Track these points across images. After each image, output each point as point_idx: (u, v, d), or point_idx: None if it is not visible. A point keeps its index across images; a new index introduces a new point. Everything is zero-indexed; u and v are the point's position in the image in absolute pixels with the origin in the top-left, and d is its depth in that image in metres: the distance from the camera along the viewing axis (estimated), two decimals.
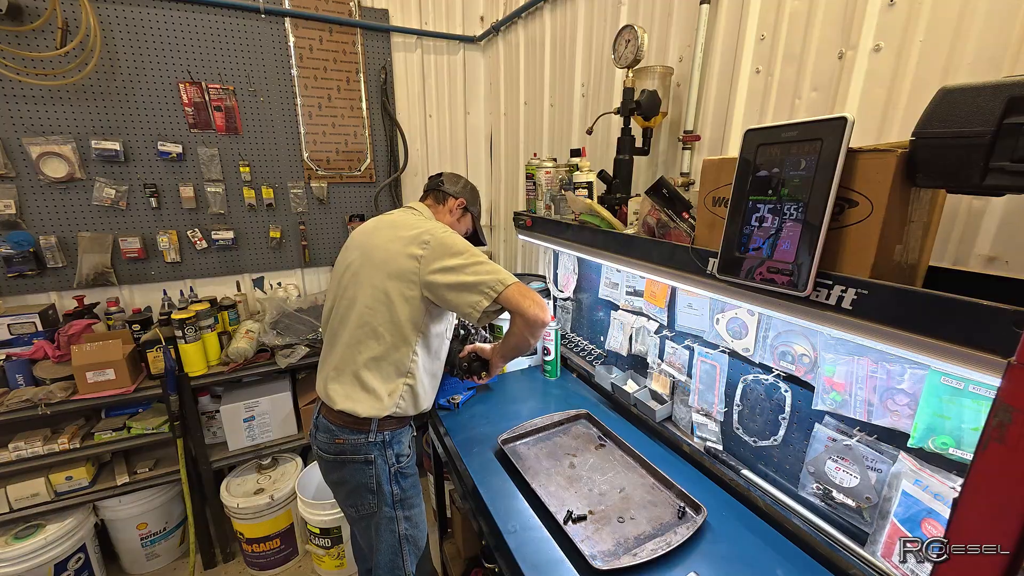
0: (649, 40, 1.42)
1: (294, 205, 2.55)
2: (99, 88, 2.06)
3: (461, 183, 1.62)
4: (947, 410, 0.83)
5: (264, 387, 2.36)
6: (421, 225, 1.33)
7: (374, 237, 1.35)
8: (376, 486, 1.34)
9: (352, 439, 1.31)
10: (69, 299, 2.17)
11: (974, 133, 0.59)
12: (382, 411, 1.30)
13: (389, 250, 1.30)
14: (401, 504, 1.38)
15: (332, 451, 1.34)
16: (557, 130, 2.19)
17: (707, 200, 0.96)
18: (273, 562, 2.30)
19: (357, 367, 1.31)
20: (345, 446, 1.32)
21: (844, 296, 0.73)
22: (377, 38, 2.57)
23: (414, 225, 1.34)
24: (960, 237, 0.89)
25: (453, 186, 1.59)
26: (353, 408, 1.29)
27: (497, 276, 1.23)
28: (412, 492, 1.41)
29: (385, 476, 1.34)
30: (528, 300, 1.22)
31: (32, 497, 1.93)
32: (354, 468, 1.33)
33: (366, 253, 1.34)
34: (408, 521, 1.39)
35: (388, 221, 1.41)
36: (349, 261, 1.38)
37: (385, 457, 1.34)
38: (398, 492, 1.37)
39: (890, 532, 0.91)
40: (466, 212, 1.61)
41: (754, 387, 1.22)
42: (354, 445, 1.31)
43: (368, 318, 1.29)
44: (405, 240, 1.29)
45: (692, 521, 1.14)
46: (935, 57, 0.89)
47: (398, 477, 1.36)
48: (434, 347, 1.39)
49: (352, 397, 1.30)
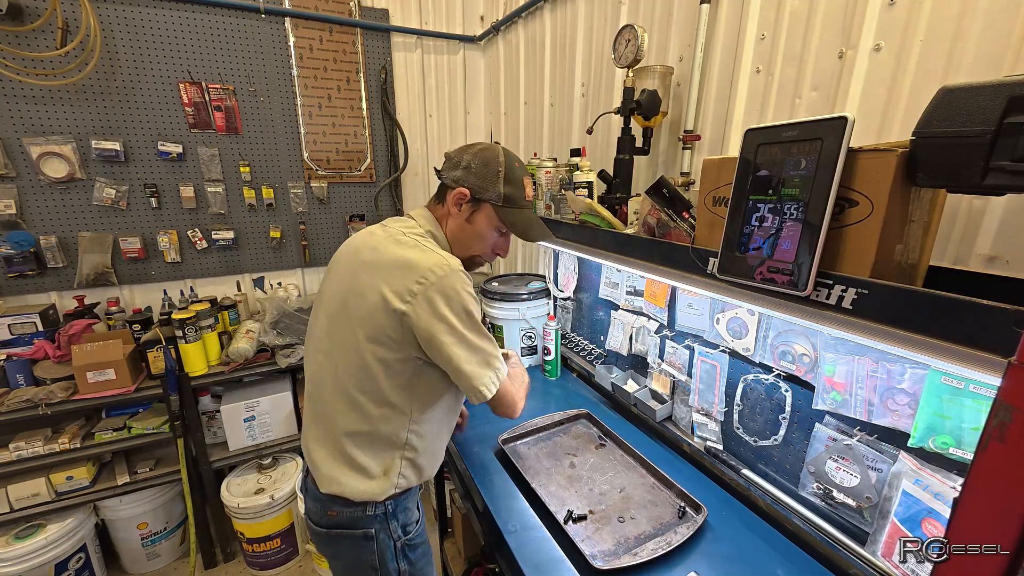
0: (649, 40, 1.42)
1: (294, 205, 2.55)
2: (99, 88, 2.06)
3: (467, 159, 1.08)
4: (947, 410, 0.83)
5: (264, 387, 2.36)
6: (406, 262, 0.99)
7: (357, 279, 1.03)
8: (379, 564, 1.09)
9: (347, 512, 1.06)
10: (69, 299, 2.18)
11: (974, 133, 0.59)
12: (379, 494, 1.05)
13: (367, 301, 0.98)
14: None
15: (324, 523, 1.09)
16: (557, 130, 2.18)
17: (707, 200, 0.96)
18: (273, 562, 2.31)
19: (338, 440, 1.04)
20: (339, 519, 1.07)
21: (844, 296, 0.73)
22: (377, 38, 2.57)
23: (396, 261, 1.00)
24: (960, 237, 0.88)
25: (452, 169, 1.09)
26: (341, 492, 1.03)
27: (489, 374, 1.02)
28: (423, 563, 1.17)
29: (390, 553, 1.09)
30: (504, 407, 1.10)
31: (33, 497, 1.93)
32: (351, 543, 1.08)
33: (344, 299, 1.03)
34: None
35: (372, 250, 1.05)
36: (325, 301, 1.10)
37: (389, 531, 1.08)
38: (406, 568, 1.12)
39: (890, 532, 0.91)
40: (478, 205, 1.09)
41: (754, 387, 1.22)
42: (351, 518, 1.06)
43: (345, 384, 1.01)
44: (384, 285, 0.97)
45: (692, 521, 1.14)
46: (935, 56, 0.89)
47: (406, 551, 1.12)
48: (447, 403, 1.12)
49: (338, 480, 1.03)
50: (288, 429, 2.36)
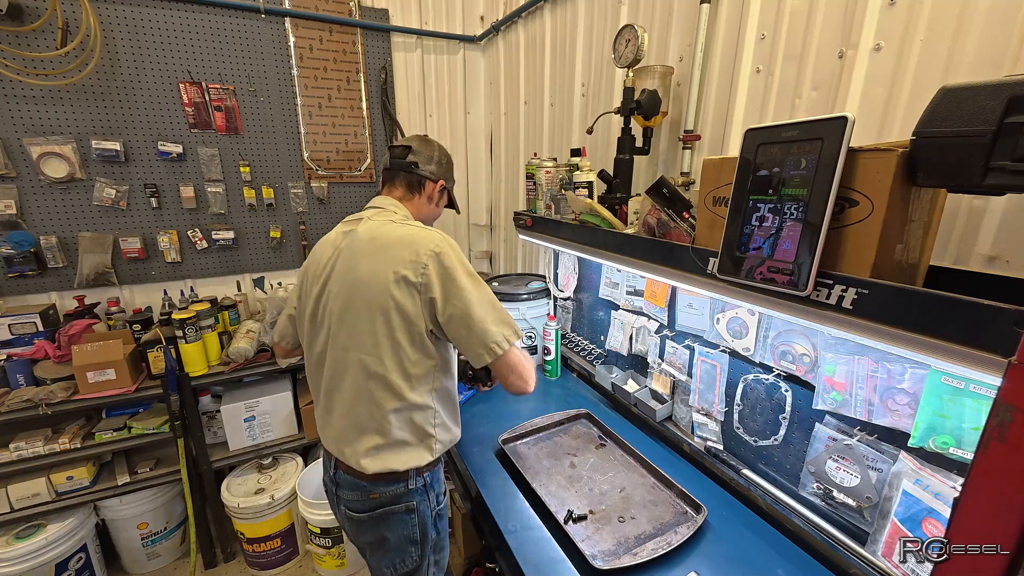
0: (649, 40, 1.42)
1: (294, 205, 2.55)
2: (99, 88, 2.06)
3: (436, 155, 1.28)
4: (948, 410, 0.83)
5: (265, 387, 2.36)
6: (411, 239, 1.09)
7: (357, 268, 1.10)
8: (421, 535, 1.18)
9: (390, 490, 1.14)
10: (70, 299, 2.17)
11: (975, 132, 0.59)
12: (421, 459, 1.15)
13: (380, 283, 1.06)
14: (435, 548, 1.23)
15: (367, 508, 1.15)
16: (557, 130, 2.18)
17: (707, 200, 0.96)
18: (274, 562, 2.30)
19: (380, 423, 1.11)
20: (382, 499, 1.14)
21: (844, 296, 0.73)
22: (377, 38, 2.57)
23: (402, 240, 1.09)
24: (961, 236, 0.88)
25: (428, 164, 1.26)
26: (388, 467, 1.12)
27: (503, 331, 1.08)
28: (445, 534, 1.27)
29: (429, 523, 1.19)
30: (514, 375, 1.11)
31: (33, 497, 1.93)
32: (396, 520, 1.16)
33: (350, 289, 1.10)
34: (436, 566, 1.26)
35: (367, 240, 1.13)
36: (327, 296, 1.15)
37: (428, 501, 1.18)
38: (435, 537, 1.22)
39: (890, 532, 0.91)
40: (444, 192, 1.33)
41: (754, 387, 1.22)
42: (393, 496, 1.14)
43: (375, 368, 1.09)
44: (396, 263, 1.06)
45: (692, 521, 1.14)
46: (936, 56, 0.89)
47: (437, 521, 1.22)
48: (451, 368, 1.23)
49: (383, 457, 1.12)
50: (288, 429, 2.36)
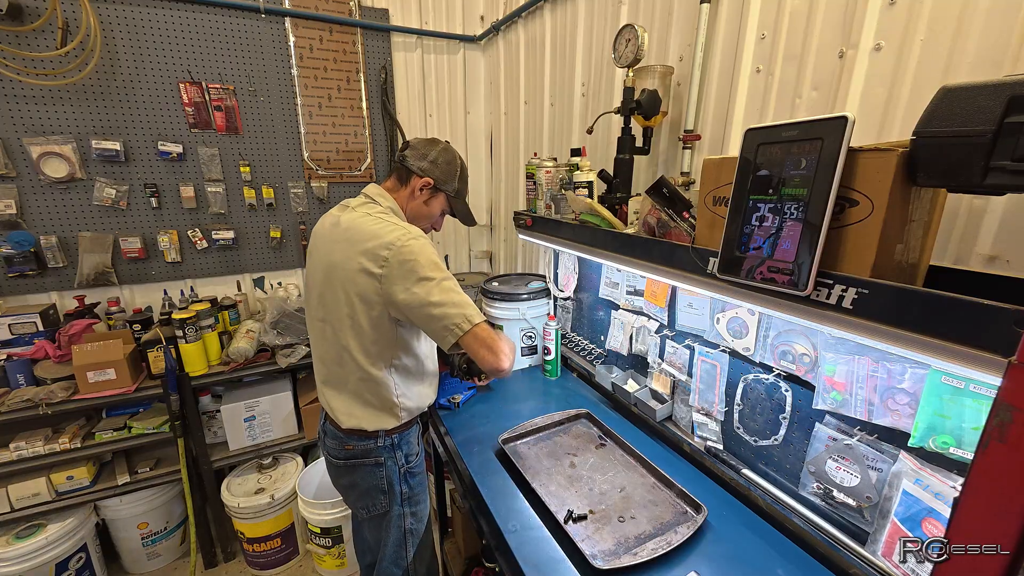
0: (649, 39, 1.42)
1: (294, 205, 2.55)
2: (99, 88, 2.06)
3: (433, 154, 1.33)
4: (948, 409, 0.83)
5: (265, 387, 2.36)
6: (377, 233, 1.18)
7: (333, 253, 1.23)
8: (387, 486, 1.36)
9: (361, 445, 1.33)
10: (70, 299, 2.18)
11: (975, 132, 0.59)
12: (387, 423, 1.32)
13: (347, 269, 1.19)
14: (408, 501, 1.40)
15: (342, 456, 1.35)
16: (557, 130, 2.18)
17: (707, 199, 0.96)
18: (274, 561, 2.31)
19: (349, 384, 1.29)
20: (355, 451, 1.34)
21: (844, 295, 0.73)
22: (377, 38, 2.57)
23: (369, 234, 1.18)
24: (961, 236, 0.88)
25: (420, 160, 1.32)
26: (358, 424, 1.30)
27: (463, 312, 1.13)
28: (419, 490, 1.44)
29: (396, 476, 1.36)
30: (484, 349, 1.13)
31: (33, 497, 1.93)
32: (365, 471, 1.35)
33: (328, 272, 1.25)
34: (413, 516, 1.43)
35: (343, 229, 1.24)
36: (314, 279, 1.31)
37: (395, 459, 1.36)
38: (406, 491, 1.39)
39: (890, 532, 0.91)
40: (436, 193, 1.36)
41: (755, 386, 1.22)
42: (364, 450, 1.33)
43: (345, 341, 1.25)
44: (360, 255, 1.17)
45: (692, 520, 1.14)
46: (936, 56, 0.89)
47: (407, 477, 1.39)
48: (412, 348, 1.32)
49: (354, 415, 1.30)
50: (288, 429, 2.36)
